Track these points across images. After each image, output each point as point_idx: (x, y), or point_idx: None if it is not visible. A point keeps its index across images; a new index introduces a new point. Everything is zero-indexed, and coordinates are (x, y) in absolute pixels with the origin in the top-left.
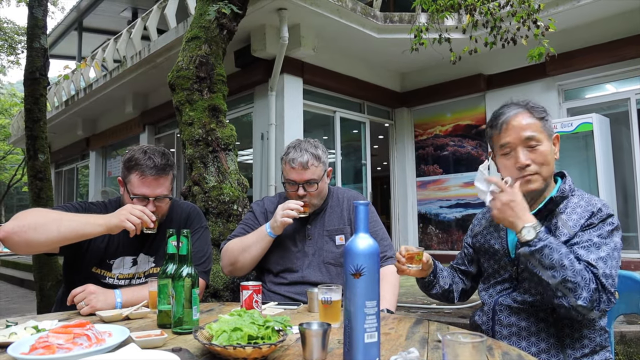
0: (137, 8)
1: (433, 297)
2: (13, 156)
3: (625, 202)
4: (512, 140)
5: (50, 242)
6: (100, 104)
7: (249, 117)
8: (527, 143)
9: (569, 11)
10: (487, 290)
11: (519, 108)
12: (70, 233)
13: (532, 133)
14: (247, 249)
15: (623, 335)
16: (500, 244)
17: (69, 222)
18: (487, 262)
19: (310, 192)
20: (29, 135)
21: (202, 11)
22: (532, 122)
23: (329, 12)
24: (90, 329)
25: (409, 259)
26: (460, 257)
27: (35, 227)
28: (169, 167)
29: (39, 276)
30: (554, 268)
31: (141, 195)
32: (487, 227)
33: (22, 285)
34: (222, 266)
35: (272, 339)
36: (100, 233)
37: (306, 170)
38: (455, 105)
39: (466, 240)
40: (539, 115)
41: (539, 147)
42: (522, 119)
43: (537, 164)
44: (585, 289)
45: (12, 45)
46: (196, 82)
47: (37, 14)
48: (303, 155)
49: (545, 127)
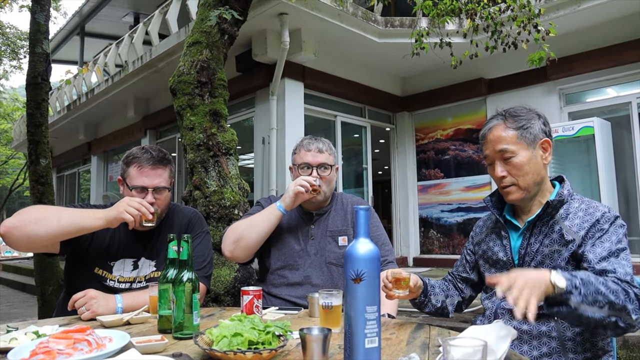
0: (139, 13)
1: (427, 314)
2: (15, 161)
3: (627, 206)
4: (490, 154)
5: (50, 236)
6: (101, 109)
7: (250, 121)
8: (502, 155)
9: (569, 15)
10: (489, 298)
11: (497, 120)
12: (70, 226)
13: (505, 146)
14: (255, 224)
15: (626, 340)
16: (504, 251)
17: (68, 216)
18: (489, 270)
19: (323, 176)
20: (31, 139)
21: (203, 16)
22: (508, 134)
23: (329, 16)
24: (90, 334)
25: (396, 282)
26: (461, 265)
27: (36, 221)
28: (166, 160)
29: (40, 280)
30: (597, 301)
31: (140, 186)
32: (488, 235)
33: (23, 289)
34: (224, 247)
35: (272, 344)
36: (100, 226)
37: (321, 153)
38: (456, 109)
39: (468, 247)
40: (517, 125)
41: (513, 158)
42: (498, 132)
43: (512, 176)
44: (631, 302)
45: (15, 50)
46: (197, 87)
47: (40, 19)
48: (318, 142)
49: (524, 137)
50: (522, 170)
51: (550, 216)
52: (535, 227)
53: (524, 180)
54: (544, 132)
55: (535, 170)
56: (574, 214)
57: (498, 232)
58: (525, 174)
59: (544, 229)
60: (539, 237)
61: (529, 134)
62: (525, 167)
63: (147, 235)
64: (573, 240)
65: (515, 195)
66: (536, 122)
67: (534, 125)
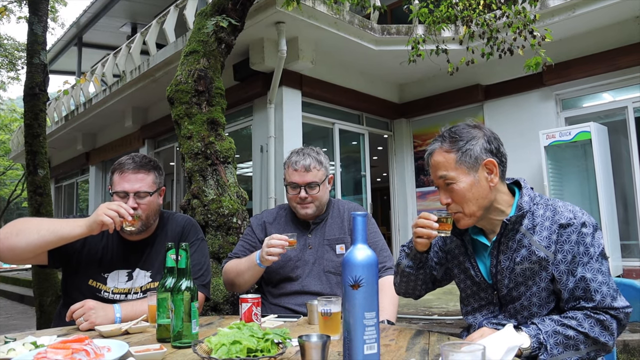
0: (137, 23)
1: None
2: (13, 171)
3: (625, 210)
4: (434, 180)
5: (32, 247)
6: (99, 119)
7: (248, 129)
8: (444, 182)
9: (564, 21)
10: (472, 314)
11: (436, 143)
12: (50, 235)
13: (444, 172)
14: (241, 274)
15: (626, 344)
16: (473, 270)
17: (48, 225)
18: (464, 282)
19: (311, 194)
20: (29, 150)
21: (200, 25)
22: (445, 159)
23: (326, 25)
24: (89, 344)
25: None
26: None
27: (17, 233)
28: (150, 165)
29: (39, 292)
30: (570, 346)
31: (121, 191)
32: (459, 247)
33: (22, 301)
34: (224, 284)
35: (271, 352)
36: (81, 233)
37: (308, 172)
38: (454, 115)
39: (439, 245)
40: (455, 148)
41: (453, 185)
42: (437, 157)
43: (456, 203)
44: (605, 330)
45: (12, 61)
46: (195, 96)
47: (37, 30)
48: (306, 159)
49: (463, 161)
50: (464, 197)
51: (514, 231)
52: (501, 244)
53: (468, 207)
54: (488, 152)
55: (479, 195)
56: (540, 224)
57: (464, 251)
58: (468, 201)
59: (512, 245)
60: (507, 254)
61: (468, 157)
62: (467, 194)
63: (141, 245)
64: (547, 259)
65: (462, 223)
66: (478, 142)
67: (475, 146)
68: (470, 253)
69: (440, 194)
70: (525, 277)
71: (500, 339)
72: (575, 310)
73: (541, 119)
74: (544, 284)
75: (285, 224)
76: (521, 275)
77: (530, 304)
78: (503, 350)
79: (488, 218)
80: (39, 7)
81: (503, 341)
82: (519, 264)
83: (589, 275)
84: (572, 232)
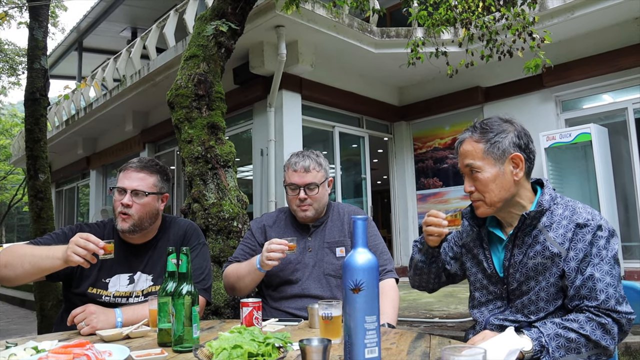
0: (137, 28)
1: (423, 274)
2: (14, 176)
3: (626, 212)
4: (461, 167)
5: (21, 279)
6: (100, 123)
7: (248, 133)
8: (470, 170)
9: (563, 23)
10: (478, 308)
11: (468, 132)
12: (32, 268)
13: (471, 161)
14: (242, 279)
15: (628, 346)
16: (487, 263)
17: (30, 258)
18: (475, 275)
19: (311, 195)
20: (30, 155)
21: (200, 30)
22: (474, 148)
23: (326, 28)
24: (90, 349)
25: (451, 221)
26: (443, 252)
27: (5, 265)
28: (154, 167)
29: (40, 296)
30: (572, 349)
31: (119, 187)
32: (474, 241)
33: (22, 305)
34: (224, 287)
35: (272, 356)
36: (59, 266)
37: (308, 173)
38: (454, 118)
39: (455, 240)
40: (484, 139)
41: (479, 174)
42: (466, 146)
43: (479, 191)
44: (606, 334)
45: (13, 66)
46: (195, 100)
47: (38, 36)
48: (305, 160)
49: (490, 152)
50: (487, 186)
51: (532, 227)
52: (517, 238)
53: (490, 197)
54: (517, 146)
55: (503, 187)
56: (557, 222)
57: (480, 243)
58: (490, 191)
59: (527, 240)
60: (522, 249)
61: (496, 149)
62: (490, 184)
63: (142, 249)
64: (559, 255)
65: (481, 210)
66: (507, 136)
67: (504, 140)
68: (486, 245)
69: (465, 181)
70: (537, 272)
71: (501, 342)
72: (578, 313)
73: (541, 121)
74: (553, 280)
75: (285, 227)
76: (533, 269)
77: (537, 298)
78: (504, 353)
79: (508, 211)
80: (40, 13)
81: (504, 344)
82: (532, 258)
83: (598, 275)
84: (588, 233)
